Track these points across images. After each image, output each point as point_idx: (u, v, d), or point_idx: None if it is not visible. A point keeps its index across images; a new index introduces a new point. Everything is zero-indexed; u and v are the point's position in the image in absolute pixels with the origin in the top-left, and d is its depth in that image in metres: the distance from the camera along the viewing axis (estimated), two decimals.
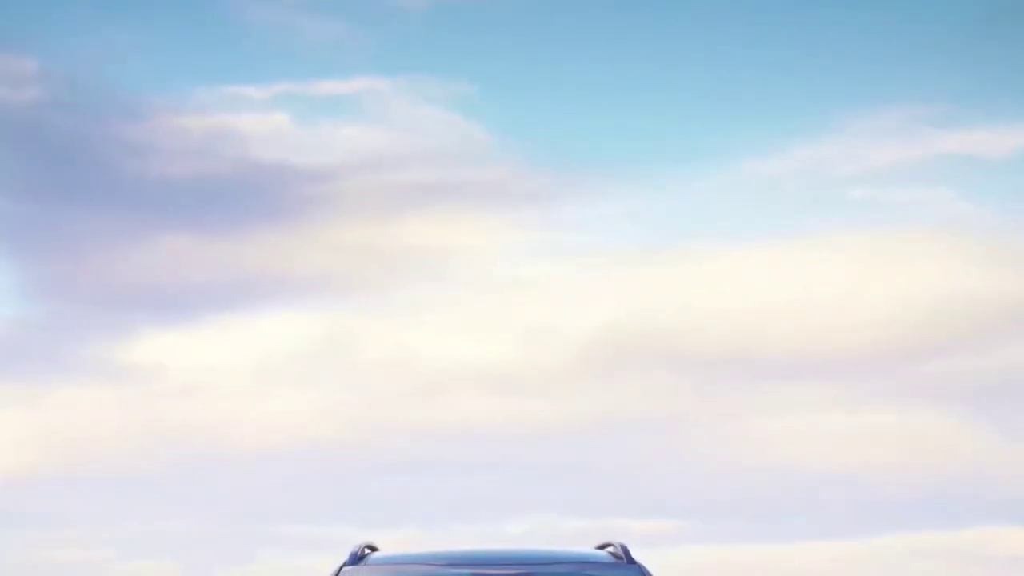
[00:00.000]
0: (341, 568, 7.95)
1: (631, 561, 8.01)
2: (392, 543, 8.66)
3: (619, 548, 8.12)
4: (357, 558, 8.07)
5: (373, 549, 8.30)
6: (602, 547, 8.35)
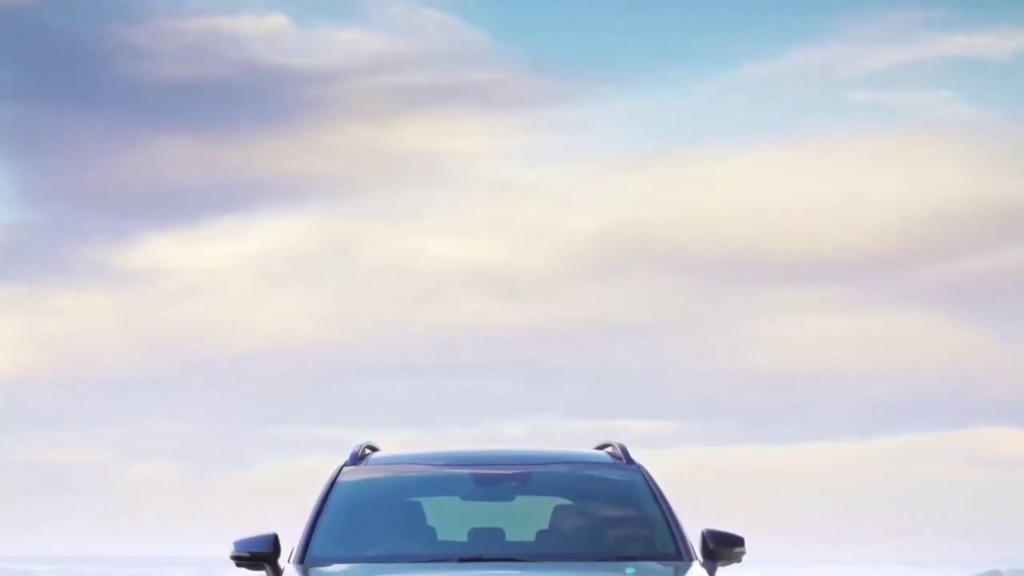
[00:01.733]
0: (341, 468, 8.00)
1: (630, 461, 8.06)
2: (392, 443, 8.72)
3: (618, 448, 8.17)
4: (357, 458, 8.12)
5: (373, 449, 8.36)
6: (601, 447, 8.41)
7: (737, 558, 7.38)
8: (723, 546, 7.31)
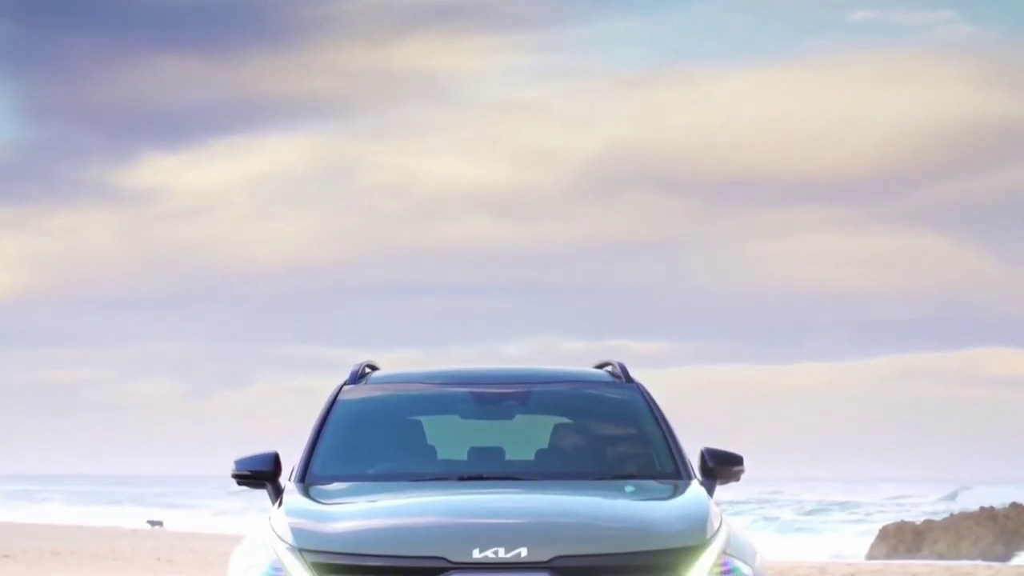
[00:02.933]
0: (341, 387, 8.02)
1: (629, 380, 8.08)
2: (392, 363, 8.73)
3: (617, 367, 8.18)
4: (357, 376, 8.14)
5: (373, 368, 8.37)
6: (601, 366, 8.42)
7: (736, 476, 7.40)
8: (722, 464, 7.34)
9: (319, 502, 6.72)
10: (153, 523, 60.93)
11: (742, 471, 7.42)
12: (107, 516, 73.13)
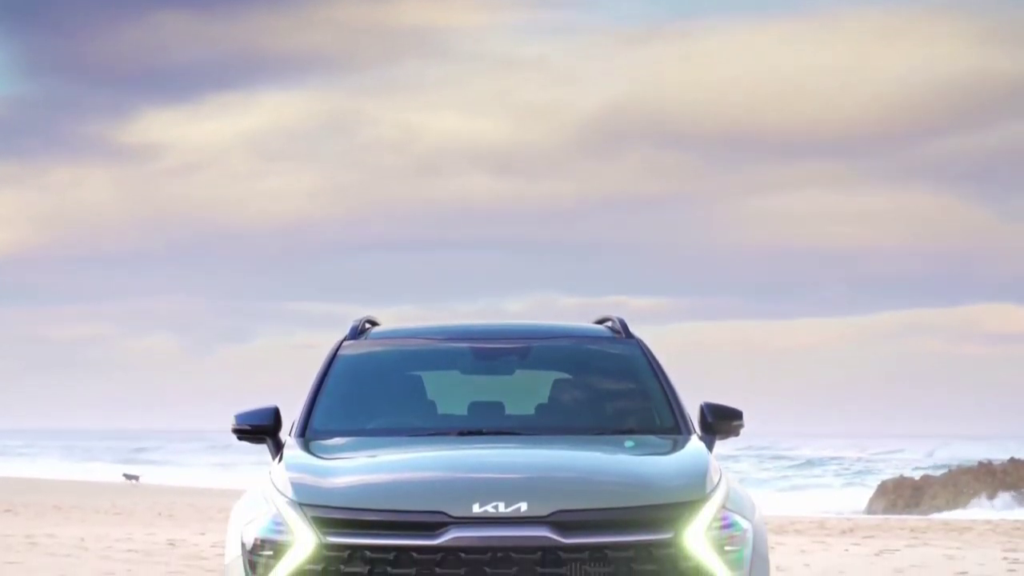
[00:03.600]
0: (342, 342, 8.03)
1: (629, 335, 8.08)
2: (391, 318, 8.74)
3: (617, 323, 8.19)
4: (358, 332, 8.14)
5: (373, 324, 8.37)
6: (600, 322, 8.42)
7: (735, 431, 7.42)
8: (721, 419, 7.35)
9: (319, 457, 6.74)
10: (129, 477, 61.15)
11: (741, 426, 7.43)
12: (104, 472, 73.35)
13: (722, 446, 7.51)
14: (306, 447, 6.96)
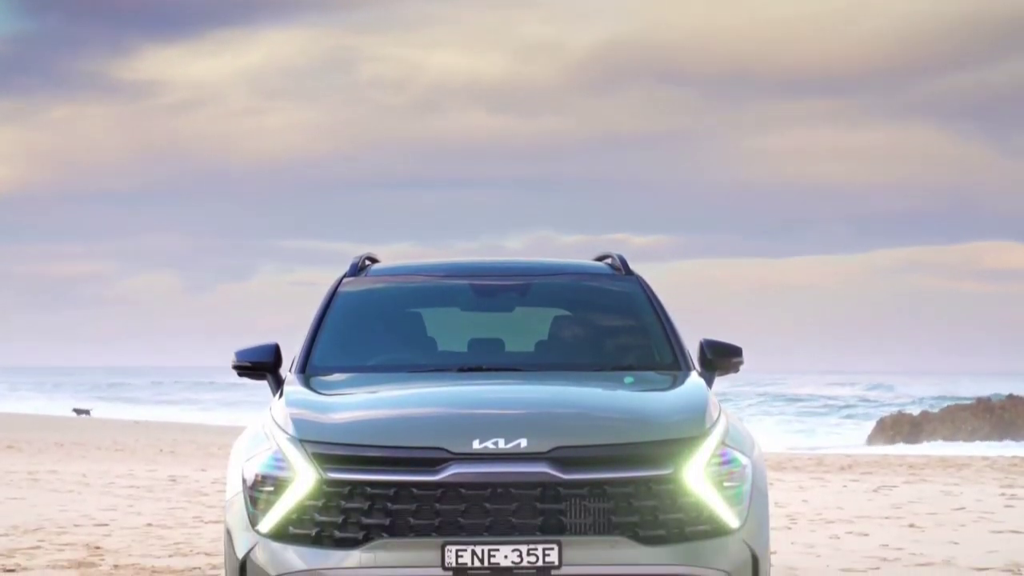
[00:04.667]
0: (342, 279, 8.03)
1: (629, 272, 8.08)
2: (391, 256, 8.74)
3: (617, 260, 8.19)
4: (357, 269, 8.14)
5: (373, 260, 8.37)
6: (600, 259, 8.42)
7: (735, 368, 7.43)
8: (721, 356, 7.36)
9: (320, 393, 6.75)
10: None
11: (741, 363, 7.44)
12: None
13: (720, 383, 7.52)
14: (306, 383, 6.97)
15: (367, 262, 8.29)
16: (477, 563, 5.80)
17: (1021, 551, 12.08)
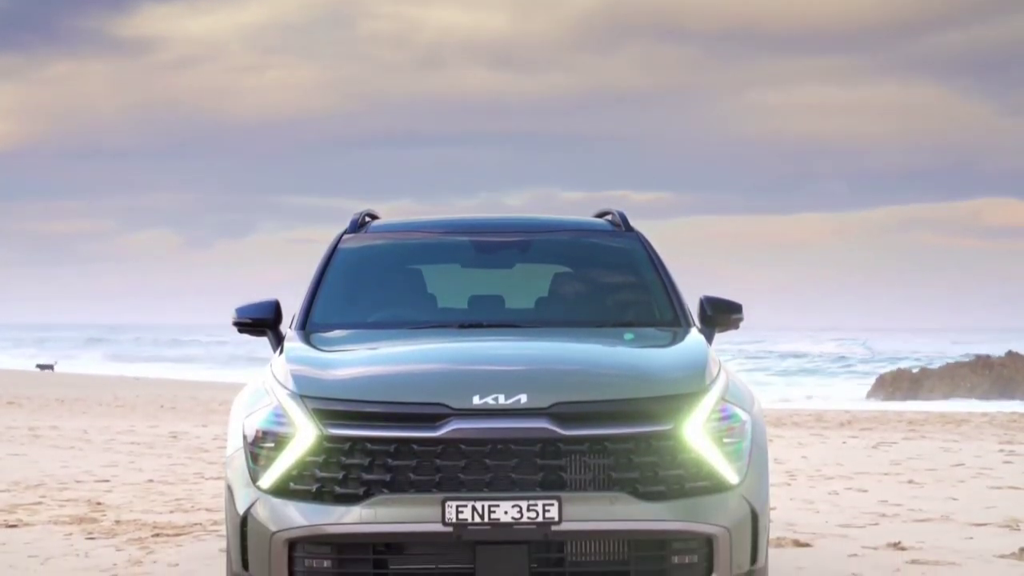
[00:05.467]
0: (342, 235, 8.02)
1: (629, 229, 8.08)
2: (391, 213, 8.73)
3: (617, 216, 8.18)
4: (357, 225, 8.14)
5: (373, 217, 8.37)
6: (601, 215, 8.42)
7: (735, 324, 7.43)
8: (721, 313, 7.36)
9: (320, 349, 6.76)
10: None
11: (741, 319, 7.45)
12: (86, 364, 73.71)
13: (718, 339, 7.52)
14: (307, 340, 6.98)
15: (367, 218, 8.28)
16: (477, 519, 5.82)
17: (1019, 507, 12.12)
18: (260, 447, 6.13)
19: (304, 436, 6.00)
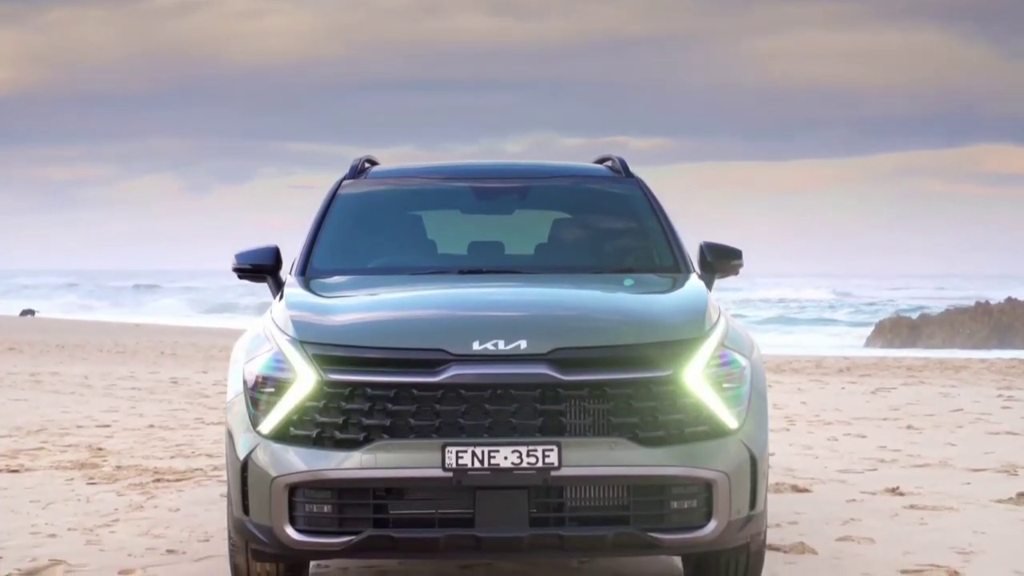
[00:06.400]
0: (341, 181, 8.01)
1: (629, 175, 8.07)
2: (391, 159, 8.72)
3: (617, 162, 8.17)
4: (357, 171, 8.13)
5: (373, 163, 8.35)
6: (600, 161, 8.40)
7: (734, 270, 7.43)
8: (721, 258, 7.36)
9: (320, 295, 6.76)
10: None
11: (740, 265, 7.45)
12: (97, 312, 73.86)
13: (717, 284, 7.52)
14: (306, 286, 6.98)
15: (367, 164, 8.27)
16: (477, 464, 5.84)
17: (1017, 452, 12.16)
18: (260, 392, 6.14)
19: (304, 381, 6.01)
